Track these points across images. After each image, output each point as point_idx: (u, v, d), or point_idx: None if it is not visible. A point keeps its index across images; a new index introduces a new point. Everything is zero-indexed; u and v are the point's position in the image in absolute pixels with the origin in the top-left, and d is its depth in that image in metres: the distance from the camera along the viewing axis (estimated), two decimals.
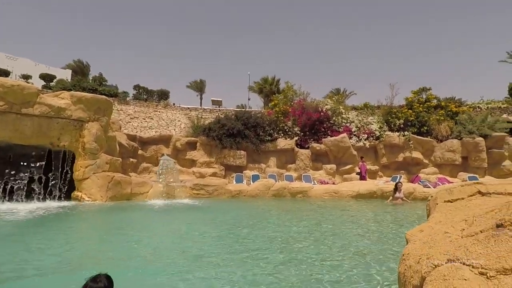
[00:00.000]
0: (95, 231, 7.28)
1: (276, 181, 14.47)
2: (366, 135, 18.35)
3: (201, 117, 22.65)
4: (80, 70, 45.17)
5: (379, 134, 18.25)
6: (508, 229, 1.52)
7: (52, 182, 11.18)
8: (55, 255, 4.87)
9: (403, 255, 2.21)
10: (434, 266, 1.67)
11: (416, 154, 17.63)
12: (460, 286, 1.41)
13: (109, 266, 3.96)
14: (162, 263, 4.54)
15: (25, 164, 10.75)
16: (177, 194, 12.14)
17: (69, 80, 33.48)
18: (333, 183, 15.91)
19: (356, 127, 18.82)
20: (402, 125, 18.39)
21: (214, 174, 17.28)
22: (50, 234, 6.26)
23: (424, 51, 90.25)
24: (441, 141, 18.01)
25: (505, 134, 17.44)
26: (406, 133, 17.81)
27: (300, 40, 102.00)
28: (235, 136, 17.78)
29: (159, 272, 4.08)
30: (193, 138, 18.54)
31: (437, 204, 3.53)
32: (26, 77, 30.87)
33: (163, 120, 25.43)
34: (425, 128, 18.37)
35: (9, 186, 10.45)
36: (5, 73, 27.76)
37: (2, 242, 5.59)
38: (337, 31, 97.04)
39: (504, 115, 19.89)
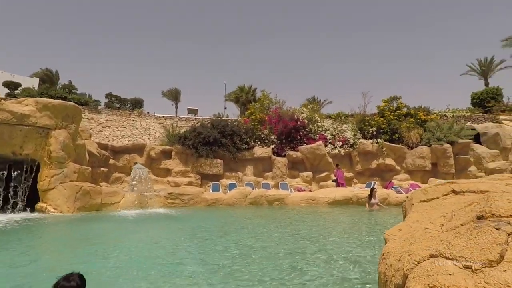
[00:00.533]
0: (60, 243, 6.76)
1: (253, 189, 14.32)
2: (341, 143, 18.70)
3: (177, 125, 22.22)
4: (48, 78, 43.20)
5: (353, 141, 18.65)
6: (489, 220, 1.48)
7: (14, 194, 10.41)
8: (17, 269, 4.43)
9: (382, 254, 2.14)
10: (416, 263, 1.60)
11: (389, 161, 18.15)
12: (445, 281, 1.34)
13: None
14: (131, 275, 4.25)
15: None
16: (151, 204, 11.68)
17: (36, 88, 31.89)
18: (310, 191, 15.97)
19: (331, 135, 19.15)
20: (375, 133, 18.93)
21: (190, 183, 16.85)
22: (12, 248, 5.73)
23: (394, 60, 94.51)
24: (412, 148, 18.68)
25: (470, 140, 18.39)
26: (379, 140, 18.33)
27: (275, 50, 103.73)
28: (211, 145, 17.52)
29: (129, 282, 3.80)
30: (168, 147, 18.08)
31: (413, 204, 3.54)
32: None
33: (137, 129, 24.67)
34: (397, 135, 19.01)
35: None
36: None
37: None
38: (312, 40, 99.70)
39: (468, 123, 21.01)
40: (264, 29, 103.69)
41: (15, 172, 10.59)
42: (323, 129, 19.46)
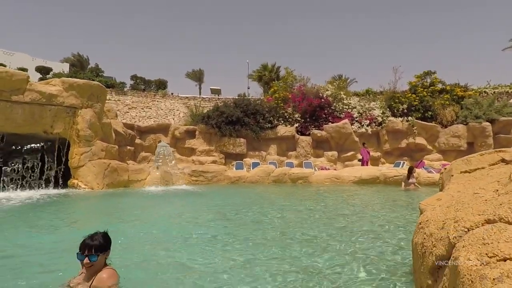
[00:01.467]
0: (91, 215, 6.98)
1: (276, 168, 14.15)
2: (368, 121, 17.92)
3: (200, 105, 22.23)
4: (79, 63, 44.63)
5: (381, 120, 17.81)
6: None
7: (48, 170, 10.89)
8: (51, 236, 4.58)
9: (419, 223, 1.87)
10: (466, 230, 1.32)
11: (420, 140, 17.21)
12: (509, 249, 1.07)
13: None
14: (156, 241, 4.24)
15: (20, 152, 10.44)
16: (175, 181, 11.86)
17: (66, 73, 33.02)
18: (335, 170, 15.57)
19: (358, 113, 18.37)
20: (405, 110, 17.92)
21: (214, 162, 16.95)
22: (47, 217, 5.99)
23: (428, 36, 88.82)
24: (446, 126, 17.57)
25: None
26: (409, 118, 17.35)
27: (299, 28, 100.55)
28: (234, 124, 17.40)
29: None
30: (191, 127, 18.17)
31: (452, 175, 3.17)
32: (21, 70, 30.39)
33: (162, 109, 25.01)
34: (430, 113, 17.91)
35: (2, 175, 10.16)
36: None
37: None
38: (337, 17, 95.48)
39: None
40: (288, 7, 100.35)
41: (49, 151, 11.06)
42: (350, 107, 18.70)
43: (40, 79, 27.22)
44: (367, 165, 15.62)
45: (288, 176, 12.85)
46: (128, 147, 14.33)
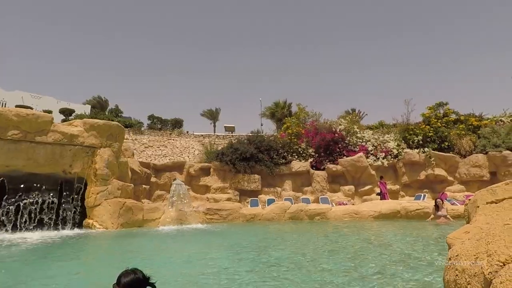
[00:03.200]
0: (104, 258, 6.89)
1: (292, 204, 13.85)
2: (383, 154, 17.65)
3: (214, 143, 22.56)
4: (99, 105, 47.05)
5: (397, 152, 17.52)
6: None
7: (64, 211, 11.01)
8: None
9: (449, 258, 1.75)
10: (502, 264, 1.23)
11: (439, 171, 16.70)
12: None
13: None
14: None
15: (36, 192, 10.67)
16: (190, 219, 11.71)
17: (87, 114, 34.63)
18: (352, 204, 15.11)
19: (373, 145, 18.18)
20: (421, 142, 17.63)
21: (228, 200, 16.78)
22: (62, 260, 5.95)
23: (437, 66, 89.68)
24: (465, 156, 17.08)
25: None
26: (426, 149, 17.02)
27: (309, 62, 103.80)
28: (249, 160, 17.44)
29: None
30: (206, 164, 18.30)
31: (478, 207, 3.02)
32: (47, 112, 32.08)
33: (177, 148, 25.50)
34: (446, 143, 17.54)
35: (19, 215, 10.31)
36: None
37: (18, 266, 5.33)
38: (347, 49, 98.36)
39: None
40: (299, 41, 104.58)
41: (65, 191, 11.26)
42: (364, 140, 18.57)
43: (63, 120, 28.58)
44: (387, 198, 15.12)
45: (304, 212, 12.52)
46: (144, 186, 14.47)
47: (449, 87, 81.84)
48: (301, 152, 18.50)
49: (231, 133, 31.01)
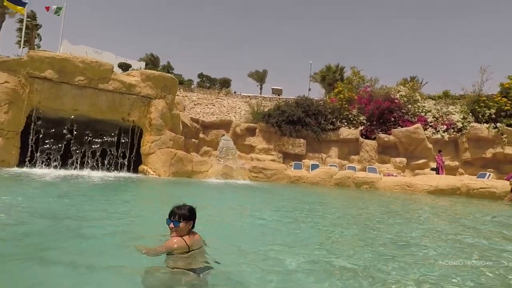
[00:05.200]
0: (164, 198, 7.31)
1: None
2: (445, 127, 16.16)
3: (261, 104, 22.34)
4: (151, 62, 48.67)
5: (461, 125, 15.90)
6: None
7: (122, 155, 11.80)
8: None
9: None
10: None
11: (510, 150, 14.97)
12: None
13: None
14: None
15: (99, 135, 11.51)
16: (236, 175, 11.96)
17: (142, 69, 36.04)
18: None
19: (434, 117, 16.68)
20: (493, 116, 15.71)
21: (272, 161, 16.83)
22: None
23: None
24: None
25: None
26: (498, 125, 15.17)
27: (365, 28, 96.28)
28: (295, 124, 17.06)
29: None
30: (252, 124, 18.29)
31: None
32: None
33: (224, 107, 25.75)
34: None
35: (86, 157, 11.28)
36: None
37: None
38: (408, 14, 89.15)
39: None
40: (354, 5, 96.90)
41: (123, 138, 11.99)
42: (424, 110, 17.07)
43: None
44: (442, 173, 14.06)
45: (352, 180, 12.13)
46: (193, 140, 14.93)
47: None
48: (351, 119, 17.63)
49: (278, 95, 30.45)
